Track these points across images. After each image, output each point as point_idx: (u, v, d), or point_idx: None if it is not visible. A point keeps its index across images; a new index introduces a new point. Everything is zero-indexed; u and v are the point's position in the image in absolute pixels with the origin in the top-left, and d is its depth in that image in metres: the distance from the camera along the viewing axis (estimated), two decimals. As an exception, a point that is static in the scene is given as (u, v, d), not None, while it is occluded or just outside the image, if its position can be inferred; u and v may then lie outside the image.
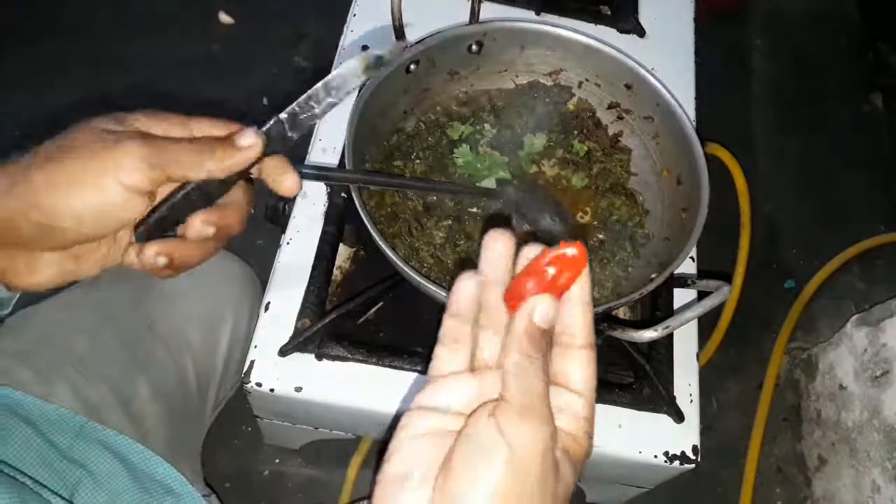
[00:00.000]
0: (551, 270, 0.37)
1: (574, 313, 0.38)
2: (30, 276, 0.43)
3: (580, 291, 0.38)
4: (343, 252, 0.82)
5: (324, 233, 0.79)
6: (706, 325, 1.30)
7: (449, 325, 0.39)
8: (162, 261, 0.44)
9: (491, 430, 0.34)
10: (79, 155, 0.40)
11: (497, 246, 0.39)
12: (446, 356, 0.39)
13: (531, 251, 0.38)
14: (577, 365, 0.38)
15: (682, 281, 0.80)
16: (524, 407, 0.34)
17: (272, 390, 0.72)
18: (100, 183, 0.40)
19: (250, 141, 0.44)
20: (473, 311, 0.39)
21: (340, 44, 0.94)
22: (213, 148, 0.43)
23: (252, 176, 0.48)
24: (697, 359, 0.81)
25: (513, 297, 0.37)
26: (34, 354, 0.68)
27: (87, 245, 0.44)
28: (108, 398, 0.69)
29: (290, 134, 0.46)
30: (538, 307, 0.35)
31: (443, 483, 0.34)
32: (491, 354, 0.38)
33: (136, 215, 0.42)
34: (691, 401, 0.78)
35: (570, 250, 0.36)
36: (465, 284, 0.38)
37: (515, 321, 0.36)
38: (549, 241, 0.41)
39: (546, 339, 0.36)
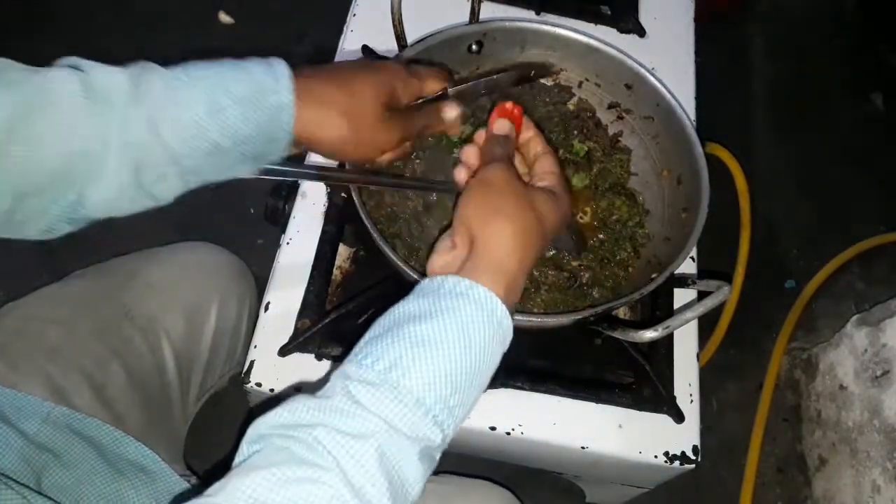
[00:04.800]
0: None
1: (529, 137, 0.66)
2: (321, 130, 0.55)
3: (526, 125, 0.66)
4: (343, 252, 0.82)
5: (323, 233, 0.79)
6: (706, 325, 1.30)
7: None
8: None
9: (470, 180, 0.58)
10: (367, 86, 0.58)
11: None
12: None
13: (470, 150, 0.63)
14: (546, 162, 0.64)
15: (683, 281, 0.79)
16: (487, 159, 0.60)
17: (272, 390, 0.72)
18: (387, 101, 0.59)
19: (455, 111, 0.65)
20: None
21: (340, 44, 0.94)
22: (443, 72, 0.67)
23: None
24: (698, 359, 0.81)
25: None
26: (6, 346, 0.69)
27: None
28: (80, 385, 0.70)
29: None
30: (496, 123, 0.63)
31: (456, 219, 0.55)
32: None
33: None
34: (691, 401, 0.78)
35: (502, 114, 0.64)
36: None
37: (489, 130, 0.63)
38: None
39: (507, 143, 0.62)
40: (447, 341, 0.46)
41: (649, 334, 0.67)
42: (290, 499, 0.39)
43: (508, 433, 0.74)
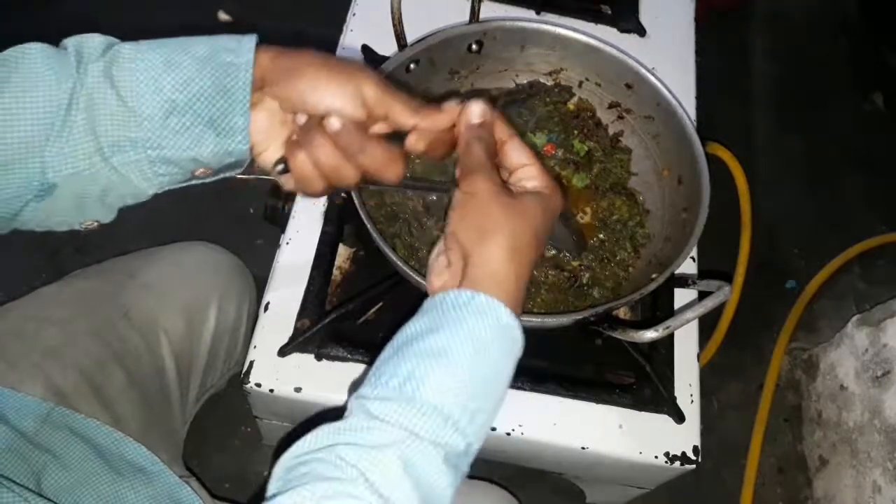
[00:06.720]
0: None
1: (497, 129, 0.56)
2: (287, 77, 0.51)
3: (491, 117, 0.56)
4: (342, 252, 0.82)
5: (323, 233, 0.79)
6: (707, 325, 1.30)
7: None
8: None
9: (456, 191, 0.54)
10: (344, 64, 0.52)
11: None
12: None
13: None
14: (516, 151, 0.57)
15: (683, 281, 0.79)
16: (468, 168, 0.54)
17: (272, 391, 0.72)
18: (348, 82, 0.51)
19: (453, 104, 0.55)
20: None
21: (340, 43, 0.94)
22: (423, 106, 0.54)
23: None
24: (698, 359, 0.81)
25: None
26: (5, 346, 0.69)
27: (288, 125, 0.54)
28: (79, 386, 0.70)
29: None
30: (471, 109, 0.55)
31: (448, 236, 0.54)
32: None
33: (348, 116, 0.51)
34: (692, 401, 0.78)
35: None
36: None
37: (460, 127, 0.55)
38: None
39: (484, 131, 0.55)
40: (456, 349, 0.47)
41: (650, 334, 0.67)
42: None
43: (508, 434, 0.73)
